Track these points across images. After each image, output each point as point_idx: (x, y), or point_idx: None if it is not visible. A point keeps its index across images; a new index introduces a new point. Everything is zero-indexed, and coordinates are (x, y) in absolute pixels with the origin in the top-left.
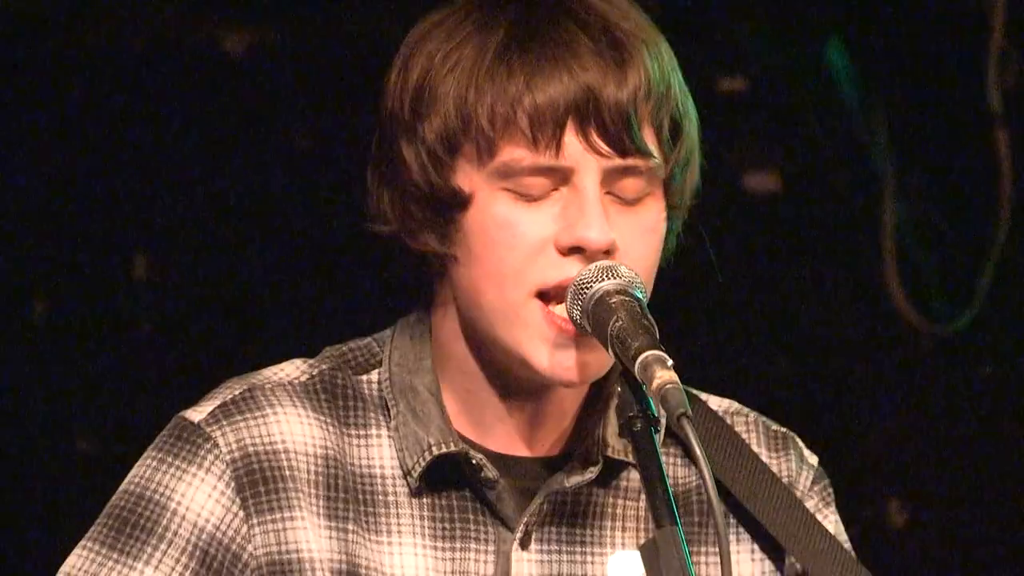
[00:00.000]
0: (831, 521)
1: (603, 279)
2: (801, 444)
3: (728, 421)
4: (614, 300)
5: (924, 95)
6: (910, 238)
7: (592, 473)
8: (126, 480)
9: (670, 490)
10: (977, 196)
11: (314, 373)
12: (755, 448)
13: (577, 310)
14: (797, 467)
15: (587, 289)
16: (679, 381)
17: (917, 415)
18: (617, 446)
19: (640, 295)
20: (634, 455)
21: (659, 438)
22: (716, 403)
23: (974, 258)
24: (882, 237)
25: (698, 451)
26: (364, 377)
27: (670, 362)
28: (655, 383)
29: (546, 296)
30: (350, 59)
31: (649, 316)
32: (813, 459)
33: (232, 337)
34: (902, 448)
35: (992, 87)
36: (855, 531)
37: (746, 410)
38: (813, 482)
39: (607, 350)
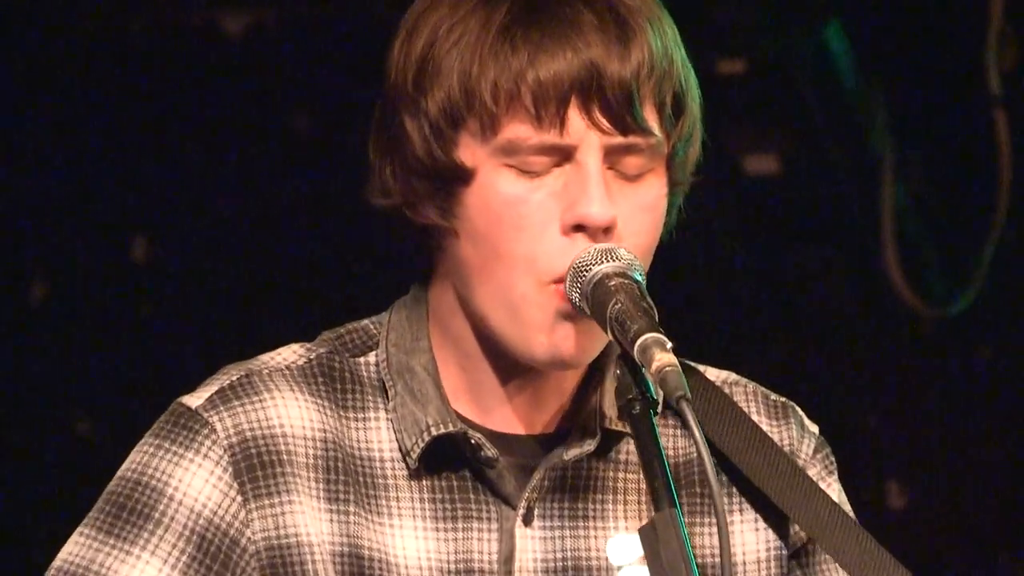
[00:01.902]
0: (834, 490)
1: (602, 261)
2: (802, 413)
3: (727, 391)
4: (613, 283)
5: (923, 77)
6: (909, 220)
7: (591, 445)
8: (123, 466)
9: (669, 473)
10: (976, 178)
11: (311, 357)
12: (755, 418)
13: (576, 292)
14: (798, 436)
15: (586, 271)
16: (678, 364)
17: (916, 397)
18: (614, 417)
19: (639, 277)
20: (633, 438)
21: (659, 419)
22: (714, 374)
23: (973, 240)
24: (881, 219)
25: (697, 434)
26: (362, 359)
27: (669, 344)
28: (654, 365)
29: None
30: (349, 40)
31: (648, 299)
32: (814, 428)
33: (231, 320)
34: (901, 430)
35: (991, 69)
36: (854, 513)
37: (745, 380)
38: (815, 451)
39: (606, 332)
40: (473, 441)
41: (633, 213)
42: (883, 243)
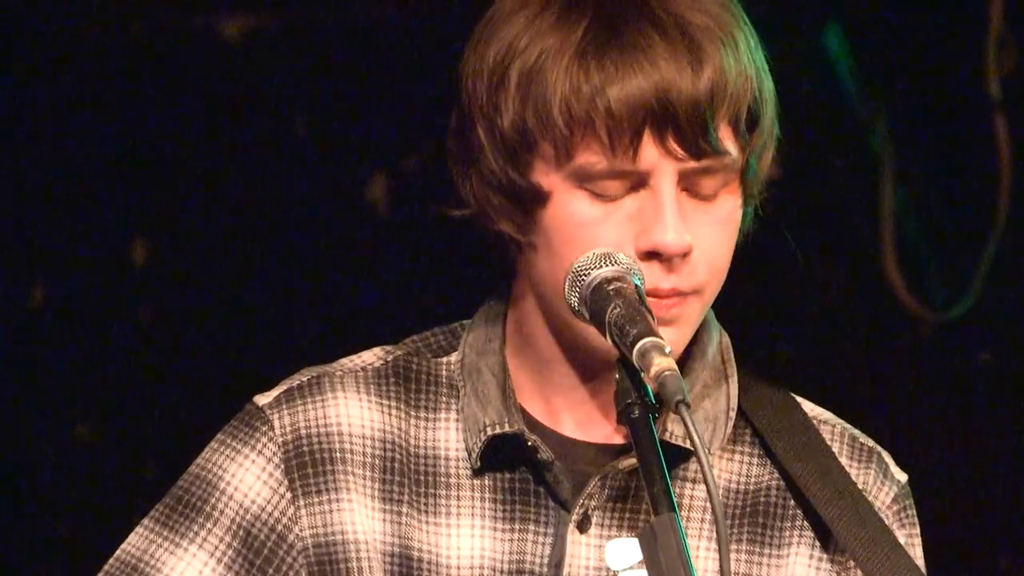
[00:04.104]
0: (905, 542)
1: (600, 266)
2: (889, 460)
3: (815, 427)
4: (612, 287)
5: (923, 81)
6: (909, 224)
7: None
8: (195, 460)
9: (668, 477)
10: (976, 182)
11: (389, 359)
12: (838, 459)
13: (575, 297)
14: (877, 482)
15: (584, 276)
16: (677, 368)
17: (916, 401)
18: (677, 432)
19: (638, 282)
20: (633, 441)
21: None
22: (809, 407)
23: (973, 244)
24: (881, 223)
25: (696, 439)
26: (443, 359)
27: (668, 349)
28: (653, 370)
29: None
30: (349, 44)
31: (647, 303)
32: (901, 476)
33: (231, 324)
34: (901, 434)
35: (991, 73)
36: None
37: (835, 420)
38: (893, 501)
39: (605, 337)
40: (529, 443)
41: (708, 232)
42: (883, 247)
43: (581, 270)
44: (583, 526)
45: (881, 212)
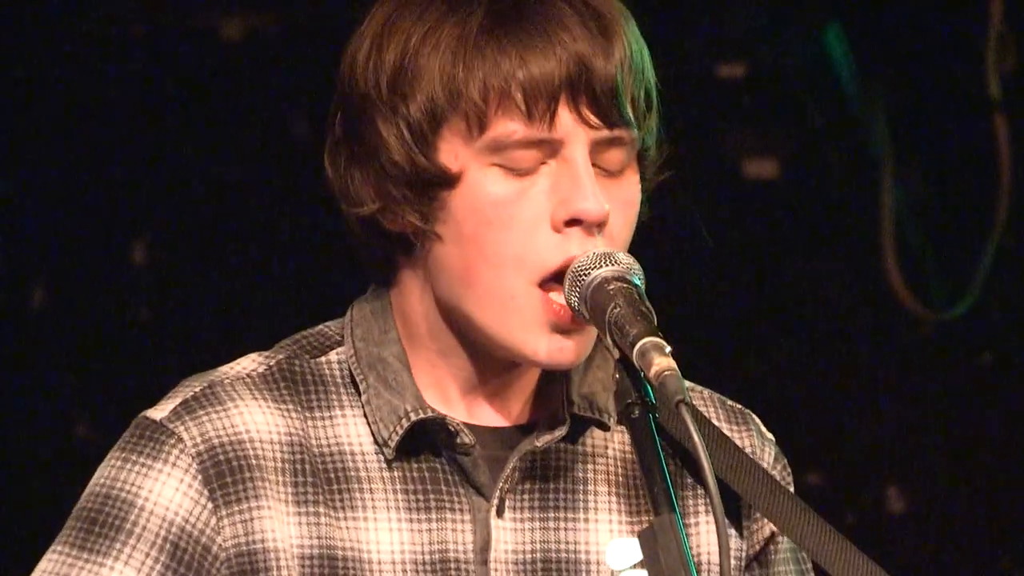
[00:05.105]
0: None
1: (601, 265)
2: (759, 421)
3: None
4: (612, 287)
5: (923, 80)
6: (909, 224)
7: (561, 431)
8: (91, 482)
9: (668, 477)
10: (976, 182)
11: (271, 364)
12: (715, 423)
13: (575, 297)
14: (759, 442)
15: (585, 276)
16: (677, 368)
17: (916, 401)
18: (582, 404)
19: (638, 281)
20: (632, 442)
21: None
22: None
23: (973, 244)
24: (881, 223)
25: (697, 439)
26: (323, 359)
27: (668, 349)
28: (653, 370)
29: (547, 283)
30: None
31: (647, 303)
32: (771, 436)
33: (231, 324)
34: (901, 435)
35: (991, 72)
36: (853, 517)
37: (701, 387)
38: (775, 459)
39: (605, 336)
40: (451, 428)
41: (617, 209)
42: (883, 247)
43: (581, 270)
44: (500, 509)
45: (881, 212)
